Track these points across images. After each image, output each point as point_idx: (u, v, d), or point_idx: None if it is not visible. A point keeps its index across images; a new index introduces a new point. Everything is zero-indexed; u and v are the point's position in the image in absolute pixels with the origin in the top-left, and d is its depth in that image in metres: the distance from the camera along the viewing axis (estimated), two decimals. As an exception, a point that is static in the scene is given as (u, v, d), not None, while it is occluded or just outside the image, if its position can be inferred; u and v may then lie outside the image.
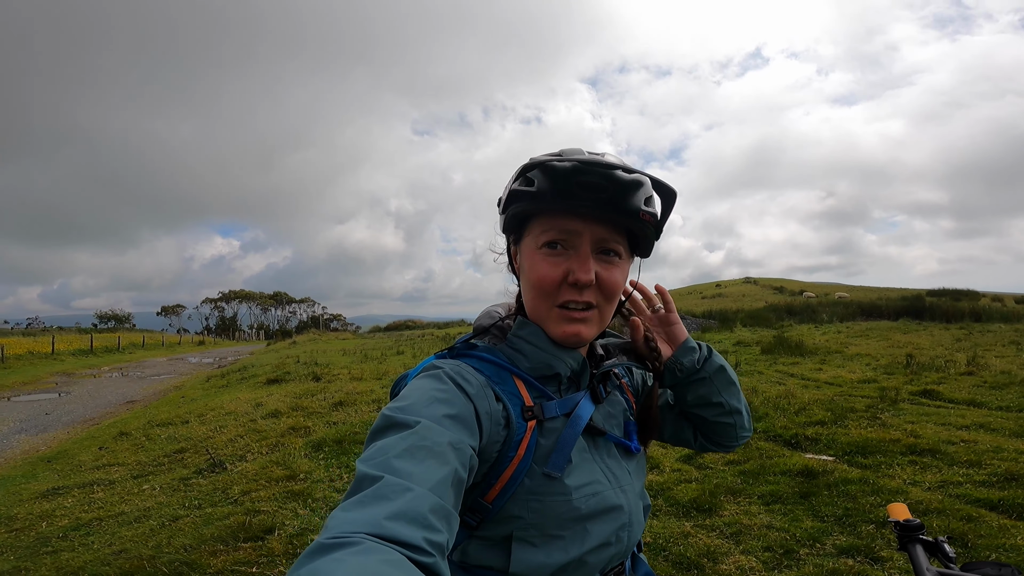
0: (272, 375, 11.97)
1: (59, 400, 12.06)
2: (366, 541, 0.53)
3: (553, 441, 0.84)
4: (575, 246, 0.84)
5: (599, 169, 0.81)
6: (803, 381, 8.53)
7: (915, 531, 1.08)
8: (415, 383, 0.81)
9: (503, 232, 0.96)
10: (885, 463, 4.45)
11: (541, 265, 0.85)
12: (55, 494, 5.02)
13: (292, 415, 7.36)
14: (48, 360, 21.88)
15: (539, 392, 0.87)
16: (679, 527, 3.50)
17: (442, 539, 0.59)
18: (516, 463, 0.81)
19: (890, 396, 6.75)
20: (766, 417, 5.97)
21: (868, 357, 10.77)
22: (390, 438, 0.69)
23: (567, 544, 0.81)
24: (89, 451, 6.81)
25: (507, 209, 0.88)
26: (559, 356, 0.88)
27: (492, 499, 0.81)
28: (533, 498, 0.81)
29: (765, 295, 36.94)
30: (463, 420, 0.76)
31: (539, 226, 0.86)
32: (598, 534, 0.83)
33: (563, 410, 0.86)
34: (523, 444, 0.81)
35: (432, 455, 0.67)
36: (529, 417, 0.83)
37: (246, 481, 4.80)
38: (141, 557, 3.33)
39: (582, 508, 0.82)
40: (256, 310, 75.06)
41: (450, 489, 0.66)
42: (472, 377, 0.83)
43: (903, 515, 1.13)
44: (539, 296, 0.87)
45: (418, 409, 0.73)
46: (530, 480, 0.81)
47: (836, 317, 20.33)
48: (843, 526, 3.42)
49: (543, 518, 0.81)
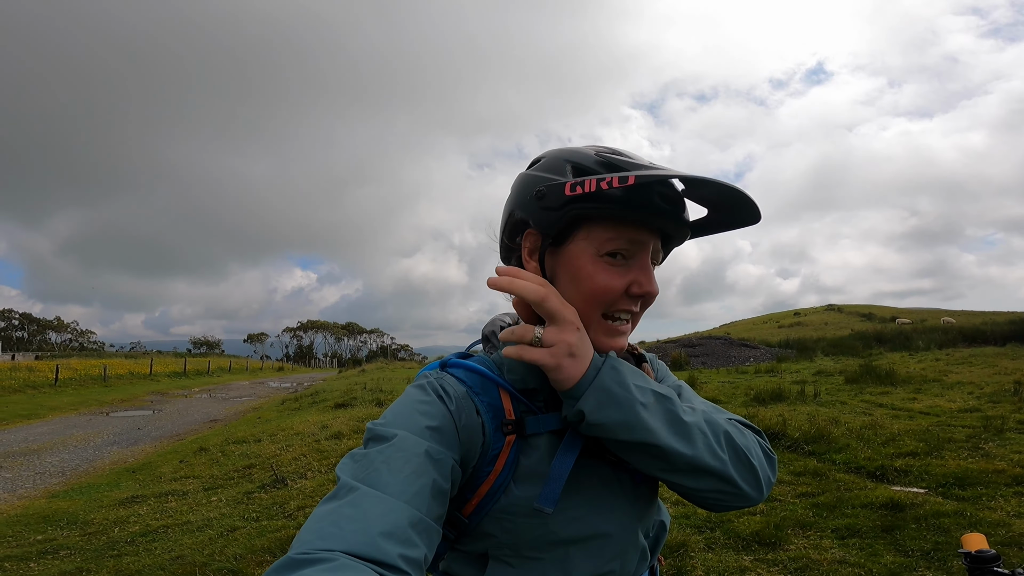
0: (340, 400, 12.39)
1: (151, 417, 13.03)
2: (339, 558, 0.52)
3: (533, 461, 0.76)
4: (635, 255, 0.78)
5: (672, 182, 0.78)
6: (893, 411, 7.77)
7: (989, 563, 0.94)
8: (402, 396, 0.79)
9: (539, 230, 0.80)
10: (987, 495, 3.93)
11: (603, 274, 0.77)
12: (132, 502, 5.35)
13: (353, 437, 7.55)
14: (146, 380, 23.86)
15: (525, 406, 0.79)
16: (736, 561, 3.21)
17: (419, 554, 0.58)
18: (492, 479, 0.75)
19: (995, 425, 6.02)
20: (847, 448, 5.46)
21: (971, 385, 9.71)
22: (369, 450, 0.68)
23: (545, 568, 0.75)
24: (170, 464, 7.27)
25: (565, 206, 0.76)
26: (535, 370, 0.78)
27: (468, 514, 0.77)
28: (506, 517, 0.75)
29: (851, 323, 34.45)
30: (443, 431, 0.72)
31: (603, 232, 0.76)
32: (583, 563, 0.76)
33: (547, 427, 0.77)
34: (500, 459, 0.75)
35: (409, 466, 0.65)
36: (508, 432, 0.76)
37: (303, 497, 4.93)
38: (194, 563, 3.45)
39: (560, 532, 0.75)
40: (330, 339, 78.63)
41: (430, 500, 0.64)
42: (452, 389, 0.77)
43: (978, 546, 0.98)
44: (593, 306, 0.78)
45: (398, 421, 0.72)
46: (506, 498, 0.75)
47: (934, 344, 18.56)
48: (931, 561, 3.01)
49: (516, 539, 0.75)
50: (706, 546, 3.42)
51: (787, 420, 6.37)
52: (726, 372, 14.40)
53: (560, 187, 0.76)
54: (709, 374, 13.91)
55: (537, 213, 0.79)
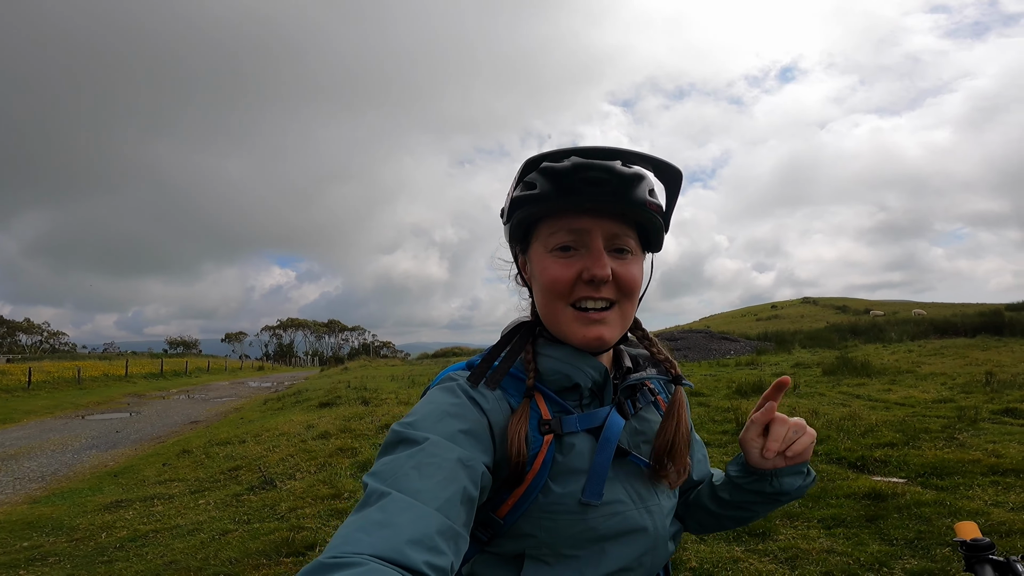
0: (324, 399, 12.28)
1: (129, 419, 12.76)
2: (369, 563, 0.52)
3: (572, 458, 0.79)
4: (586, 244, 0.80)
5: (599, 162, 0.78)
6: (870, 402, 7.99)
7: (984, 550, 0.96)
8: (428, 396, 0.79)
9: (509, 242, 0.91)
10: (964, 484, 4.08)
11: (552, 267, 0.81)
12: (118, 507, 5.26)
13: (340, 437, 7.50)
14: (121, 382, 23.32)
15: (559, 406, 0.82)
16: (728, 552, 3.29)
17: (445, 562, 0.57)
18: (530, 479, 0.76)
19: (969, 415, 6.23)
20: (828, 439, 5.61)
21: (943, 376, 10.02)
22: (399, 454, 0.67)
23: (582, 565, 0.77)
24: (153, 467, 7.14)
25: (511, 218, 0.84)
26: (578, 365, 0.82)
27: (504, 514, 0.78)
28: (546, 516, 0.76)
29: (826, 315, 35.18)
30: (475, 435, 0.73)
31: (546, 229, 0.82)
32: (618, 557, 0.78)
33: (584, 425, 0.81)
34: (538, 459, 0.77)
35: (441, 472, 0.65)
36: (546, 431, 0.79)
37: (293, 499, 4.90)
38: (189, 569, 3.42)
39: (599, 528, 0.77)
40: (311, 337, 77.70)
41: (459, 507, 0.64)
42: (487, 390, 0.80)
43: (972, 534, 1.01)
44: (552, 298, 0.82)
45: (428, 424, 0.72)
46: (544, 497, 0.77)
47: (907, 336, 19.05)
48: (914, 549, 3.13)
49: (556, 537, 0.76)
50: (698, 538, 3.50)
51: (770, 413, 6.50)
52: (708, 365, 14.61)
53: (509, 201, 0.85)
54: (691, 367, 14.10)
55: (505, 229, 0.89)
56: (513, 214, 0.84)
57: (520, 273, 0.92)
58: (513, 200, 0.83)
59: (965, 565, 1.00)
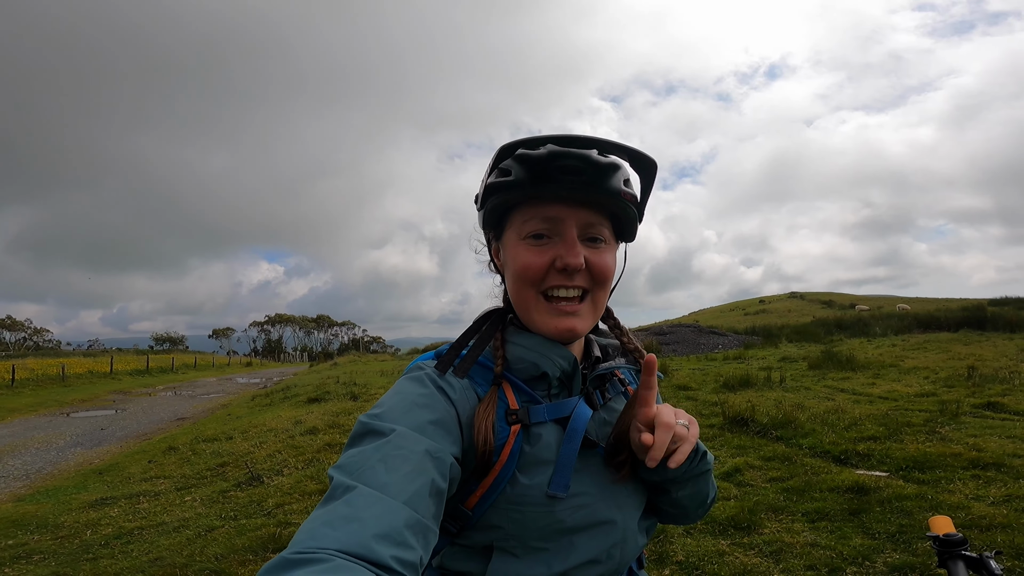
0: (313, 394, 12.21)
1: (115, 416, 12.63)
2: (335, 558, 0.51)
3: (539, 448, 0.78)
4: (560, 233, 0.80)
5: (575, 151, 0.77)
6: (854, 396, 8.10)
7: (956, 546, 0.99)
8: (396, 387, 0.78)
9: (483, 228, 0.90)
10: (945, 478, 4.15)
11: (525, 254, 0.81)
12: (103, 504, 5.21)
13: (329, 432, 7.46)
14: (106, 379, 23.06)
15: (527, 396, 0.81)
16: (714, 545, 3.33)
17: (414, 557, 0.57)
18: (498, 469, 0.76)
19: (951, 409, 6.33)
20: (813, 433, 5.68)
21: (926, 370, 10.16)
22: (366, 446, 0.66)
23: (550, 558, 0.76)
24: (139, 464, 7.08)
25: (485, 204, 0.84)
26: (547, 354, 0.81)
27: (472, 506, 0.77)
28: (514, 508, 0.76)
29: (813, 310, 35.52)
30: (443, 425, 0.72)
31: (520, 217, 0.82)
32: (586, 549, 0.78)
33: (552, 415, 0.80)
34: (505, 450, 0.76)
35: (408, 464, 0.64)
36: (513, 421, 0.78)
37: (281, 494, 4.88)
38: (175, 565, 3.40)
39: (567, 521, 0.77)
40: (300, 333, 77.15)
41: (428, 500, 0.63)
42: (454, 379, 0.79)
43: (945, 529, 1.04)
44: (524, 286, 0.81)
45: (395, 415, 0.71)
46: (512, 488, 0.76)
47: (891, 330, 19.31)
48: (896, 543, 3.18)
49: (524, 529, 0.76)
50: (684, 531, 3.54)
51: (755, 406, 6.58)
52: (696, 359, 14.72)
53: (483, 187, 0.84)
54: (680, 361, 14.20)
55: (479, 216, 0.88)
56: (487, 200, 0.83)
57: (493, 260, 0.92)
58: (487, 186, 0.83)
59: (938, 561, 1.02)
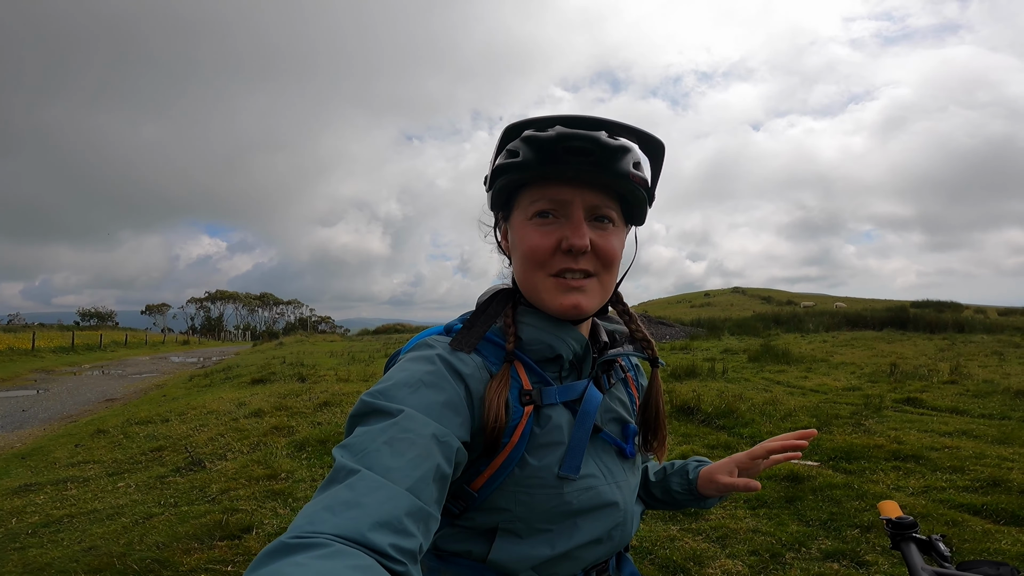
0: (257, 375, 11.80)
1: (37, 397, 11.81)
2: (334, 543, 0.50)
3: (549, 430, 0.78)
4: (567, 214, 0.80)
5: (584, 132, 0.77)
6: (789, 388, 8.55)
7: (908, 529, 1.01)
8: (403, 363, 0.76)
9: (491, 210, 0.91)
10: (869, 468, 4.45)
11: (532, 235, 0.80)
12: (27, 490, 4.88)
13: (276, 415, 7.24)
14: (28, 357, 21.47)
15: (538, 377, 0.81)
16: (665, 531, 3.46)
17: (413, 544, 0.56)
18: (508, 450, 0.76)
19: (874, 403, 6.79)
20: (752, 423, 5.97)
21: (853, 366, 10.85)
22: (372, 426, 0.65)
23: (554, 538, 0.77)
24: (65, 448, 6.65)
25: (493, 185, 0.84)
26: (561, 336, 0.82)
27: (479, 487, 0.76)
28: (522, 490, 0.76)
29: (753, 304, 37.23)
30: (452, 407, 0.71)
31: (528, 197, 0.82)
32: (589, 530, 0.79)
33: (563, 397, 0.80)
34: (517, 430, 0.76)
35: (414, 449, 0.62)
36: (526, 402, 0.78)
37: (225, 480, 4.71)
38: (111, 554, 3.23)
39: (574, 503, 0.78)
40: (243, 311, 74.30)
41: (431, 486, 0.62)
42: (465, 358, 0.78)
43: (895, 512, 1.06)
44: (531, 267, 0.81)
45: (402, 395, 0.69)
46: (520, 470, 0.76)
47: (822, 327, 20.50)
48: (828, 530, 3.40)
49: (531, 511, 0.76)
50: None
51: (700, 396, 6.86)
52: (643, 351, 15.14)
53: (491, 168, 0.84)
54: (628, 353, 14.57)
55: (488, 197, 0.89)
56: (495, 181, 0.83)
57: (501, 241, 0.92)
58: (496, 167, 0.82)
59: (892, 543, 1.06)
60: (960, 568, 0.92)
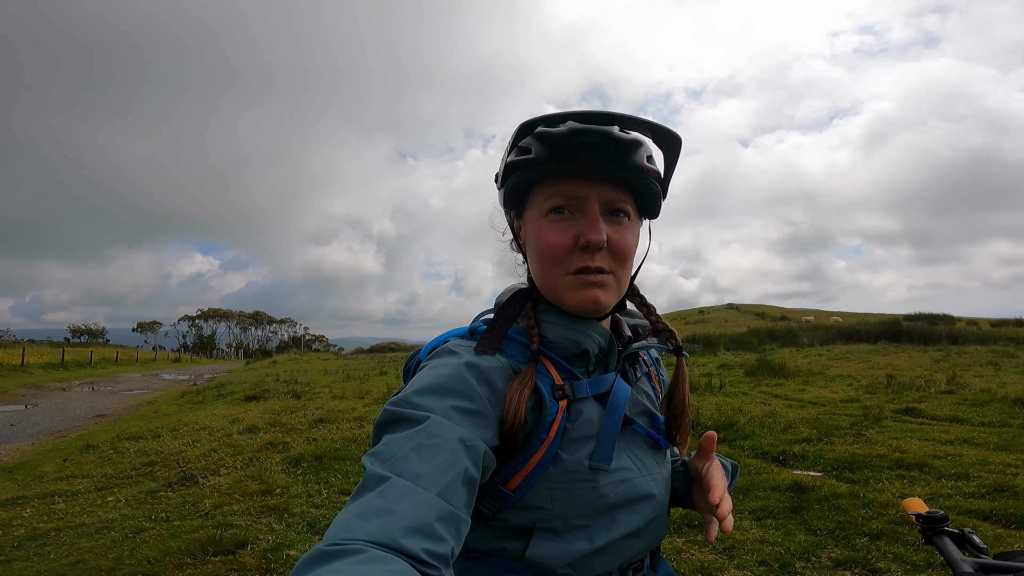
0: (250, 392, 11.66)
1: (25, 412, 11.62)
2: (370, 550, 0.50)
3: (580, 424, 0.77)
4: (582, 209, 0.78)
5: (596, 127, 0.76)
6: (787, 401, 8.54)
7: (940, 523, 0.99)
8: (426, 370, 0.75)
9: (504, 207, 0.89)
10: (873, 477, 4.42)
11: (548, 232, 0.79)
12: (13, 504, 4.76)
13: (270, 431, 7.13)
14: (16, 372, 21.20)
15: (567, 372, 0.80)
16: (671, 543, 3.40)
17: (445, 549, 0.56)
18: (545, 447, 0.74)
19: (873, 414, 6.78)
20: (752, 435, 5.94)
21: (849, 378, 10.87)
22: (399, 434, 0.64)
23: (592, 533, 0.76)
24: (53, 463, 6.51)
25: (506, 182, 0.82)
26: (586, 332, 0.81)
27: (514, 487, 0.75)
28: (558, 487, 0.74)
29: (747, 320, 37.35)
30: (478, 411, 0.70)
31: (542, 194, 0.80)
32: (627, 523, 0.78)
33: (593, 391, 0.79)
34: (553, 426, 0.75)
35: (442, 454, 0.62)
36: (560, 397, 0.77)
37: (218, 495, 4.60)
38: (100, 568, 3.14)
39: (610, 496, 0.76)
40: (235, 329, 73.72)
41: (460, 490, 0.61)
42: (490, 360, 0.76)
43: (922, 508, 1.04)
44: (550, 265, 0.80)
45: (427, 402, 0.68)
46: (554, 467, 0.75)
47: (817, 341, 20.57)
48: (837, 539, 3.35)
49: (568, 507, 0.75)
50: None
51: (699, 410, 6.83)
52: (640, 365, 15.11)
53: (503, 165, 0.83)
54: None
55: (500, 195, 0.87)
56: (508, 178, 0.82)
57: (515, 238, 0.90)
58: (508, 164, 0.81)
59: (924, 539, 1.03)
60: (999, 558, 0.90)
